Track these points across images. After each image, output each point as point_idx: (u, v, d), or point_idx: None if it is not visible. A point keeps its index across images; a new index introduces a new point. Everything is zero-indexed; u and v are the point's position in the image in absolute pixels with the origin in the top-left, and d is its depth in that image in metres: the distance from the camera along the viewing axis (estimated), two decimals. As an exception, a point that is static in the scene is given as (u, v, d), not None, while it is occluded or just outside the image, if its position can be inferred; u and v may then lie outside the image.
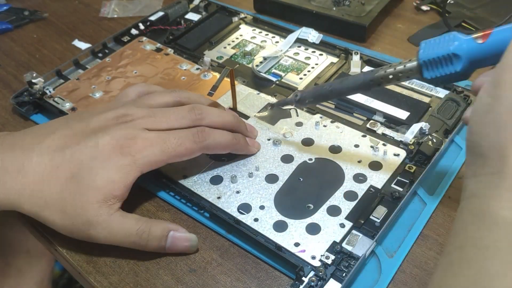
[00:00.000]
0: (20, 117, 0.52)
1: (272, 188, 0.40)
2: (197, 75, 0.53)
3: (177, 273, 0.36)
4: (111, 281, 0.36)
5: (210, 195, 0.40)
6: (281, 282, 0.35)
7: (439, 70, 0.30)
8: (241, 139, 0.42)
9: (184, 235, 0.37)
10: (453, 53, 0.29)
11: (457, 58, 0.29)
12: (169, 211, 0.41)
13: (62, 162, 0.36)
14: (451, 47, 0.29)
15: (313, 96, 0.40)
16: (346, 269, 0.34)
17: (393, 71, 0.34)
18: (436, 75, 0.31)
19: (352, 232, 0.37)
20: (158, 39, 0.59)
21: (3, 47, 0.63)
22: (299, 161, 0.43)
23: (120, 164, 0.36)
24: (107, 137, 0.36)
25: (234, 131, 0.42)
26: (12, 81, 0.57)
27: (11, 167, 0.35)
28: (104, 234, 0.35)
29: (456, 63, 0.29)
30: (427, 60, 0.30)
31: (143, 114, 0.38)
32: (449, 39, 0.29)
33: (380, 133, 0.45)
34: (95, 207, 0.35)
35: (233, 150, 0.42)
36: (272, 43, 0.57)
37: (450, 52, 0.29)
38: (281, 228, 0.37)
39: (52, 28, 0.66)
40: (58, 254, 0.39)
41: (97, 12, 0.68)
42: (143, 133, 0.37)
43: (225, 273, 0.36)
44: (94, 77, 0.53)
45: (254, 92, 0.50)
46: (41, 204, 0.35)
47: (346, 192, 0.40)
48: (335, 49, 0.55)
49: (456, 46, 0.29)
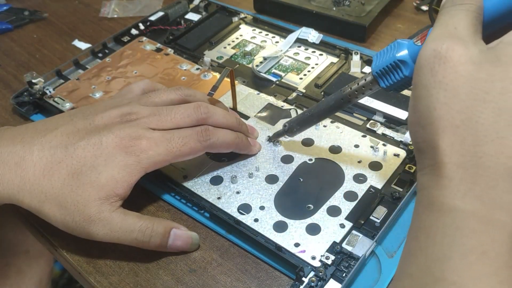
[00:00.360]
0: (20, 117, 0.52)
1: (272, 189, 0.40)
2: (197, 75, 0.53)
3: (177, 273, 0.36)
4: (111, 281, 0.36)
5: (210, 195, 0.40)
6: (281, 282, 0.35)
7: (392, 78, 0.31)
8: (243, 139, 0.42)
9: (185, 232, 0.37)
10: (398, 60, 0.30)
11: (403, 63, 0.30)
12: (169, 211, 0.41)
13: (64, 158, 0.36)
14: (396, 55, 0.30)
15: (298, 124, 0.41)
16: (346, 270, 0.34)
17: (357, 86, 0.35)
18: (390, 83, 0.32)
19: (352, 232, 0.37)
20: (158, 39, 0.59)
21: (3, 47, 0.63)
22: (299, 162, 0.43)
23: (124, 163, 0.36)
24: (111, 135, 0.36)
25: (236, 131, 0.42)
26: (12, 81, 0.57)
27: (11, 160, 0.35)
28: (105, 231, 0.35)
29: (404, 69, 0.30)
30: (379, 71, 0.32)
31: (147, 112, 0.38)
32: (394, 47, 0.31)
33: (380, 133, 0.45)
34: (97, 203, 0.35)
35: (235, 150, 0.42)
36: (272, 43, 0.57)
37: (396, 60, 0.30)
38: (281, 229, 0.37)
39: (52, 28, 0.66)
40: (58, 254, 0.39)
41: (97, 12, 0.68)
42: (148, 133, 0.37)
43: (225, 273, 0.36)
44: (94, 77, 0.53)
45: (254, 92, 0.50)
46: (42, 199, 0.35)
47: (346, 193, 0.40)
48: (335, 49, 0.55)
49: (400, 52, 0.30)
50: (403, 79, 0.31)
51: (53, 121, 0.39)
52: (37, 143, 0.36)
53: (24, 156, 0.35)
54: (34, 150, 0.36)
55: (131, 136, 0.36)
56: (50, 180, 0.35)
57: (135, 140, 0.36)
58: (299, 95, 0.50)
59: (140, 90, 0.43)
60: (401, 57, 0.30)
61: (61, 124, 0.38)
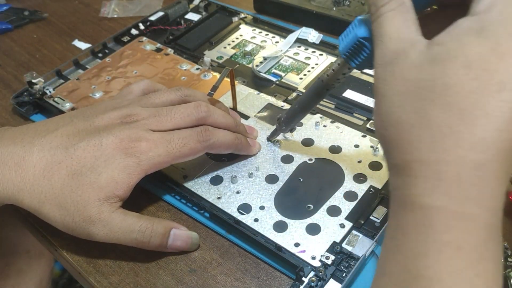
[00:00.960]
0: (20, 117, 0.52)
1: (272, 189, 0.40)
2: (197, 75, 0.53)
3: (177, 273, 0.36)
4: (111, 281, 0.36)
5: (210, 195, 0.40)
6: (281, 282, 0.35)
7: (360, 57, 0.31)
8: (243, 139, 0.42)
9: (185, 232, 0.37)
10: (361, 37, 0.30)
11: (366, 39, 0.30)
12: (169, 211, 0.41)
13: (64, 159, 0.36)
14: (357, 32, 0.30)
15: (288, 117, 0.41)
16: (346, 270, 0.34)
17: (332, 71, 0.35)
18: (360, 61, 0.31)
19: (352, 232, 0.37)
20: (158, 39, 0.59)
21: (3, 47, 0.63)
22: (299, 162, 0.43)
23: (124, 164, 0.36)
24: (111, 137, 0.36)
25: (234, 132, 0.42)
26: (12, 81, 0.57)
27: (11, 160, 0.35)
28: (105, 232, 0.35)
29: (368, 44, 0.30)
30: (347, 53, 0.31)
31: (147, 114, 0.38)
32: (354, 26, 0.30)
33: (380, 133, 0.45)
34: (97, 204, 0.35)
35: (235, 150, 0.42)
36: (272, 43, 0.57)
37: (358, 38, 0.30)
38: (281, 229, 0.37)
39: (52, 28, 0.66)
40: (58, 254, 0.39)
41: (97, 12, 0.68)
42: (148, 134, 0.37)
43: (225, 273, 0.36)
44: (94, 77, 0.53)
45: (254, 92, 0.50)
46: (41, 199, 0.35)
47: (346, 192, 0.40)
48: (335, 49, 0.55)
49: (359, 29, 0.30)
50: (369, 54, 0.31)
51: (54, 122, 0.39)
52: (37, 144, 0.36)
53: (24, 157, 0.35)
54: (34, 150, 0.36)
55: (131, 137, 0.36)
56: (50, 180, 0.35)
57: (134, 142, 0.36)
58: (299, 95, 0.50)
59: (140, 91, 0.43)
60: (362, 35, 0.30)
61: (62, 125, 0.38)
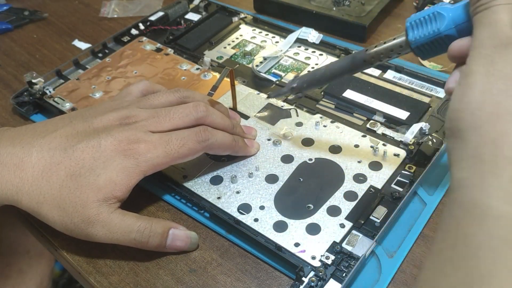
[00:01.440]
0: (20, 117, 0.52)
1: (272, 188, 0.40)
2: (197, 75, 0.53)
3: (177, 273, 0.36)
4: (111, 281, 0.36)
5: (210, 195, 0.40)
6: (281, 282, 0.35)
7: (424, 29, 0.30)
8: (240, 141, 0.42)
9: (184, 232, 0.37)
10: (438, 11, 0.29)
11: (440, 16, 0.29)
12: (169, 211, 0.41)
13: (63, 160, 0.36)
14: (436, 7, 0.30)
15: (307, 82, 0.39)
16: (346, 269, 0.34)
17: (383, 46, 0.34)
18: (420, 36, 0.31)
19: (352, 232, 0.37)
20: (158, 39, 0.59)
21: (3, 47, 0.63)
22: (299, 161, 0.43)
23: (123, 166, 0.36)
24: (109, 138, 0.36)
25: (232, 133, 0.42)
26: (12, 81, 0.57)
27: (10, 161, 0.35)
28: (104, 232, 0.35)
29: (439, 21, 0.29)
30: (413, 21, 0.31)
31: (146, 115, 0.38)
32: (435, 5, 0.30)
33: (380, 133, 0.45)
34: (95, 205, 0.35)
35: (232, 152, 0.42)
36: (272, 43, 0.57)
37: (435, 11, 0.29)
38: (281, 228, 0.37)
39: (52, 28, 0.66)
40: (58, 254, 0.39)
41: (97, 12, 0.68)
42: (146, 136, 0.37)
43: (225, 273, 0.36)
44: (94, 77, 0.53)
45: (254, 92, 0.50)
46: (40, 200, 0.35)
47: (346, 192, 0.40)
48: (335, 49, 0.55)
49: (440, 6, 0.29)
50: (435, 34, 0.30)
51: (53, 123, 0.39)
52: (36, 145, 0.36)
53: (23, 158, 0.36)
54: (33, 151, 0.36)
55: (130, 139, 0.36)
56: (49, 181, 0.35)
57: (133, 144, 0.36)
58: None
59: (139, 92, 0.43)
60: (440, 10, 0.29)
61: (61, 126, 0.38)
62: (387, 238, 0.37)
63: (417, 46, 0.31)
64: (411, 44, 0.31)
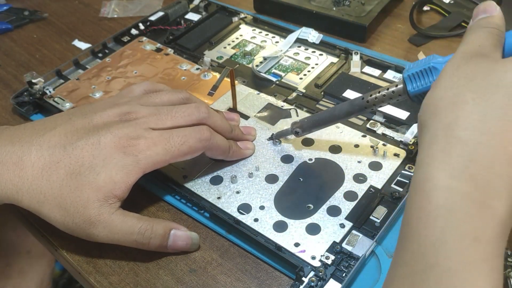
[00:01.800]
0: (20, 117, 0.52)
1: (272, 188, 0.40)
2: (197, 75, 0.53)
3: (177, 273, 0.36)
4: (111, 281, 0.36)
5: (210, 195, 0.40)
6: (281, 282, 0.35)
7: (421, 82, 0.33)
8: (234, 146, 0.42)
9: (185, 233, 0.37)
10: (432, 66, 0.32)
11: (435, 70, 0.32)
12: (169, 211, 0.41)
13: (63, 158, 0.35)
14: (431, 62, 0.32)
15: (310, 126, 0.41)
16: (346, 269, 0.34)
17: (383, 93, 0.36)
18: (418, 88, 0.33)
19: (352, 232, 0.37)
20: (158, 39, 0.59)
21: (3, 47, 0.63)
22: (299, 161, 0.43)
23: (122, 163, 0.36)
24: (109, 135, 0.36)
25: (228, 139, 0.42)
26: (12, 81, 0.57)
27: (9, 160, 0.35)
28: (105, 233, 0.35)
29: (435, 74, 0.32)
30: (410, 74, 0.34)
31: (147, 112, 0.38)
32: (430, 58, 0.33)
33: (380, 133, 0.45)
34: (96, 205, 0.35)
35: (225, 158, 0.42)
36: (272, 43, 0.57)
37: (430, 65, 0.32)
38: (281, 228, 0.37)
39: (52, 28, 0.66)
40: (58, 254, 0.39)
41: (97, 12, 0.68)
42: (146, 133, 0.37)
43: (225, 273, 0.36)
44: (94, 77, 0.53)
45: (254, 92, 0.50)
46: (41, 199, 0.35)
47: (346, 192, 0.40)
48: (335, 49, 0.55)
49: (434, 60, 0.32)
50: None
51: (52, 120, 0.39)
52: (35, 143, 0.36)
53: (22, 156, 0.35)
54: (33, 150, 0.36)
55: (129, 136, 0.36)
56: (49, 180, 0.35)
57: (133, 140, 0.36)
58: (299, 95, 0.50)
59: (141, 91, 0.43)
60: (435, 64, 0.32)
61: (60, 123, 0.38)
62: (387, 238, 0.37)
63: (415, 95, 0.34)
64: (410, 93, 0.34)
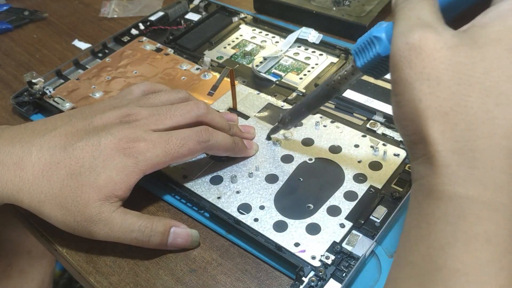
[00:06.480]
0: (20, 117, 0.52)
1: (272, 188, 0.40)
2: (197, 75, 0.53)
3: (177, 273, 0.36)
4: (111, 281, 0.36)
5: (210, 195, 0.40)
6: (281, 282, 0.35)
7: (366, 55, 0.31)
8: (239, 142, 0.42)
9: (185, 230, 0.37)
10: (374, 35, 0.30)
11: (377, 39, 0.30)
12: (169, 211, 0.41)
13: (63, 159, 0.36)
14: (373, 32, 0.30)
15: (290, 114, 0.41)
16: (346, 269, 0.34)
17: (341, 73, 0.35)
18: (365, 61, 0.32)
19: (352, 232, 0.37)
20: (158, 39, 0.59)
21: (3, 47, 0.63)
22: (299, 161, 0.43)
23: (123, 165, 0.36)
24: (109, 136, 0.36)
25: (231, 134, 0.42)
26: (12, 81, 0.57)
27: (10, 160, 0.35)
28: (106, 231, 0.35)
29: (377, 45, 0.30)
30: (356, 49, 0.32)
31: (146, 113, 0.38)
32: (373, 28, 0.31)
33: (380, 133, 0.45)
34: (97, 204, 0.35)
35: (231, 154, 0.42)
36: (272, 43, 0.57)
37: (371, 36, 0.30)
38: (281, 228, 0.37)
39: (52, 28, 0.66)
40: (58, 254, 0.39)
41: (97, 12, 0.68)
42: (146, 134, 0.37)
43: (225, 273, 0.36)
44: (94, 77, 0.53)
45: (254, 92, 0.50)
46: (41, 199, 0.35)
47: (346, 192, 0.40)
48: (335, 49, 0.55)
49: (376, 30, 0.30)
50: (376, 57, 0.31)
51: (52, 121, 0.39)
52: (35, 144, 0.36)
53: (22, 157, 0.35)
54: (33, 150, 0.36)
55: (129, 137, 0.36)
56: (49, 180, 0.35)
57: (133, 142, 0.36)
58: (299, 95, 0.50)
59: (140, 92, 0.43)
60: (376, 33, 0.30)
61: (60, 124, 0.38)
62: (387, 238, 0.37)
63: (366, 70, 0.32)
64: (360, 68, 0.32)
